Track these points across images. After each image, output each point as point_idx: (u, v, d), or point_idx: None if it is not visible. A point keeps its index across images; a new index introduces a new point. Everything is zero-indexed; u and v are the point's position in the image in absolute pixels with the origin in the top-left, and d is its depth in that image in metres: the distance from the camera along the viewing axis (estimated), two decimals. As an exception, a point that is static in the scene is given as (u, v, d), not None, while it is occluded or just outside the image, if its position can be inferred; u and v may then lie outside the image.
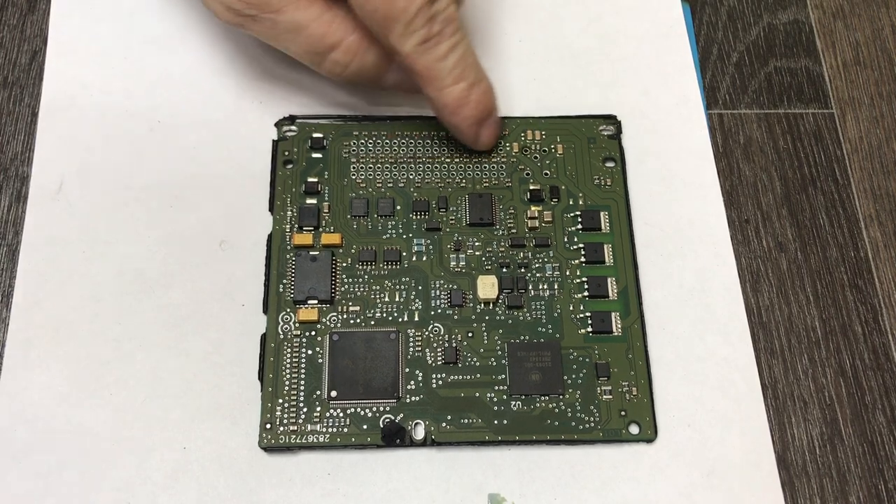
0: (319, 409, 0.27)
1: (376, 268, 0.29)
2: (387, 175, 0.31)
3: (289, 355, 0.28)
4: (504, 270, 0.29)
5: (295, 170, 0.30)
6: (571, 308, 0.29)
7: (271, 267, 0.29)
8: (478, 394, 0.27)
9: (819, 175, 0.33)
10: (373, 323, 0.28)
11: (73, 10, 0.33)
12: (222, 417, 0.27)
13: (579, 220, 0.30)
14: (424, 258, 0.29)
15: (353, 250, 0.29)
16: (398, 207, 0.30)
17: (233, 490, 0.26)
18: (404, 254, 0.29)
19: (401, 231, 0.30)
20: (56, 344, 0.28)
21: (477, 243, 0.30)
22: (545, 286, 0.29)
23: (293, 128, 0.31)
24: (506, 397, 0.27)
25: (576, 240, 0.30)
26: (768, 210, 0.32)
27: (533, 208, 0.30)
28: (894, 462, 0.28)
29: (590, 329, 0.28)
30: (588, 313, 0.29)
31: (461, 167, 0.31)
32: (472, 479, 0.27)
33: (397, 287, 0.29)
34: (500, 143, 0.31)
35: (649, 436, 0.27)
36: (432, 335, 0.28)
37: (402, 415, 0.27)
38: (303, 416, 0.27)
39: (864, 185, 0.32)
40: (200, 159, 0.31)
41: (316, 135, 0.31)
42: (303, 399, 0.27)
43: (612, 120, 0.32)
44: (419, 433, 0.27)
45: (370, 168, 0.31)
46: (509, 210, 0.30)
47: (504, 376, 0.28)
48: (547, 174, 0.31)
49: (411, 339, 0.28)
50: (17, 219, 0.30)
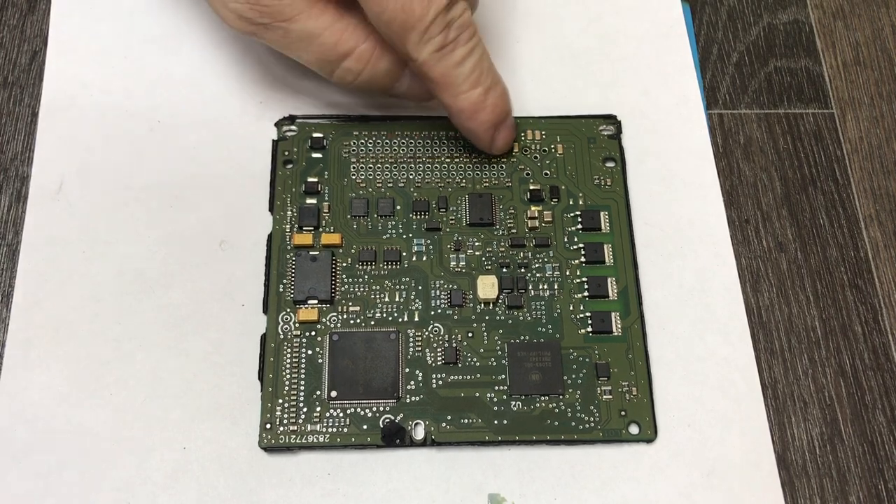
0: (319, 409, 0.27)
1: (376, 268, 0.29)
2: (387, 175, 0.31)
3: (289, 355, 0.28)
4: (504, 270, 0.29)
5: (295, 170, 0.30)
6: (571, 308, 0.29)
7: (271, 267, 0.29)
8: (478, 394, 0.27)
9: (819, 175, 0.33)
10: (373, 323, 0.28)
11: (73, 10, 0.33)
12: (222, 417, 0.27)
13: (579, 220, 0.30)
14: (424, 258, 0.29)
15: (353, 250, 0.29)
16: (398, 207, 0.30)
17: (233, 490, 0.26)
18: (404, 254, 0.29)
19: (401, 231, 0.30)
20: (56, 344, 0.28)
21: (477, 243, 0.30)
22: (545, 286, 0.29)
23: (293, 128, 0.31)
24: (506, 397, 0.27)
25: (576, 240, 0.30)
26: (768, 210, 0.32)
27: (533, 208, 0.30)
28: (894, 462, 0.28)
29: (590, 329, 0.28)
30: (588, 313, 0.29)
31: (461, 167, 0.31)
32: (472, 479, 0.27)
33: (397, 287, 0.29)
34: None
35: (649, 436, 0.27)
36: (432, 335, 0.28)
37: (402, 415, 0.27)
38: (303, 416, 0.27)
39: (864, 185, 0.32)
40: (200, 159, 0.31)
41: (316, 135, 0.31)
42: (303, 399, 0.27)
43: (612, 120, 0.32)
44: (419, 433, 0.27)
45: (370, 168, 0.31)
46: (509, 210, 0.30)
47: (504, 376, 0.28)
48: (547, 174, 0.31)
49: (411, 339, 0.28)
50: (17, 219, 0.30)
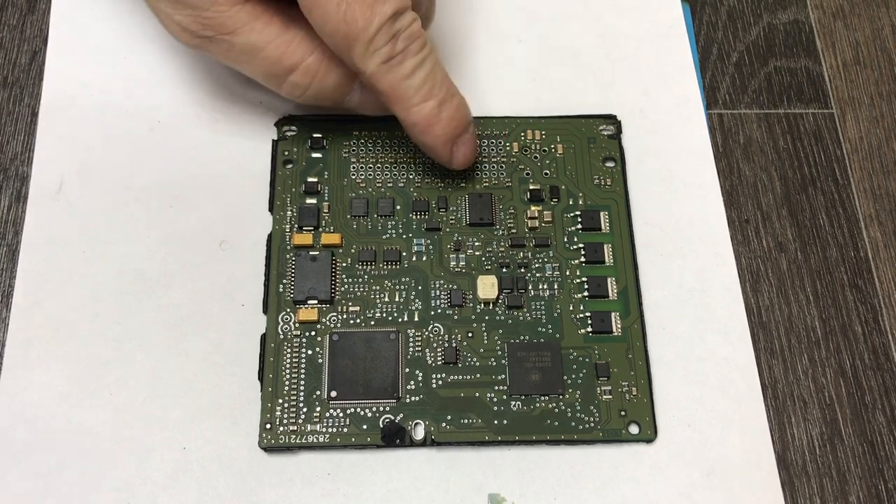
0: (319, 409, 0.27)
1: (376, 268, 0.29)
2: (387, 175, 0.31)
3: (289, 355, 0.28)
4: (504, 270, 0.29)
5: (295, 170, 0.30)
6: (571, 308, 0.29)
7: (271, 267, 0.29)
8: (478, 394, 0.27)
9: (819, 175, 0.33)
10: (373, 323, 0.28)
11: (73, 10, 0.33)
12: (222, 417, 0.27)
13: (579, 220, 0.30)
14: (424, 258, 0.29)
15: (353, 250, 0.29)
16: (398, 207, 0.30)
17: (233, 490, 0.26)
18: (404, 254, 0.29)
19: (401, 231, 0.30)
20: (56, 344, 0.28)
21: (477, 243, 0.30)
22: (545, 286, 0.29)
23: (293, 128, 0.31)
24: (506, 397, 0.27)
25: (576, 240, 0.30)
26: (768, 210, 0.32)
27: (533, 208, 0.30)
28: (894, 462, 0.28)
29: (590, 329, 0.28)
30: (588, 313, 0.29)
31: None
32: (472, 479, 0.27)
33: (397, 287, 0.29)
34: (500, 142, 0.31)
35: (649, 436, 0.27)
36: (432, 335, 0.28)
37: (401, 415, 0.27)
38: (303, 416, 0.27)
39: (864, 185, 0.32)
40: (200, 159, 0.31)
41: (316, 135, 0.31)
42: (303, 399, 0.27)
43: (612, 120, 0.32)
44: (419, 433, 0.27)
45: (370, 168, 0.31)
46: (509, 210, 0.30)
47: (504, 376, 0.28)
48: (547, 174, 0.31)
49: (411, 339, 0.28)
50: (17, 219, 0.30)
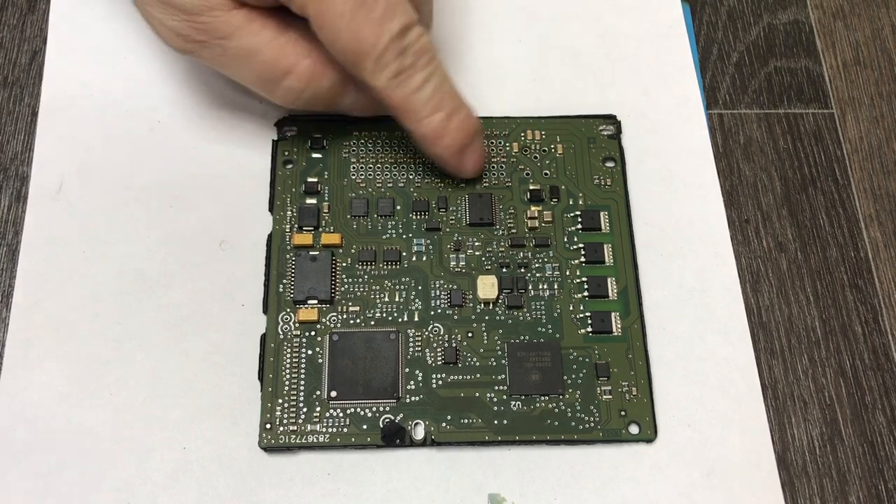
0: (319, 409, 0.27)
1: (376, 268, 0.29)
2: (387, 175, 0.31)
3: (289, 355, 0.28)
4: (504, 270, 0.29)
5: (295, 170, 0.30)
6: (571, 308, 0.29)
7: (271, 267, 0.29)
8: (478, 394, 0.27)
9: (819, 175, 0.33)
10: (373, 323, 0.28)
11: (73, 10, 0.33)
12: (222, 417, 0.27)
13: (579, 220, 0.30)
14: (424, 258, 0.29)
15: (353, 250, 0.29)
16: (398, 207, 0.30)
17: (233, 490, 0.26)
18: (404, 254, 0.29)
19: (401, 231, 0.30)
20: (56, 344, 0.28)
21: (477, 243, 0.30)
22: (545, 286, 0.29)
23: (293, 128, 0.31)
24: (506, 397, 0.27)
25: (576, 240, 0.30)
26: (768, 210, 0.32)
27: (533, 208, 0.30)
28: (894, 462, 0.28)
29: (590, 329, 0.28)
30: (588, 313, 0.29)
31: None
32: (472, 479, 0.27)
33: (397, 287, 0.29)
34: (500, 142, 0.31)
35: (649, 436, 0.27)
36: (432, 335, 0.28)
37: (401, 415, 0.27)
38: (303, 416, 0.27)
39: (864, 185, 0.32)
40: (200, 159, 0.31)
41: (316, 135, 0.31)
42: (303, 399, 0.27)
43: (612, 120, 0.32)
44: (419, 433, 0.27)
45: (370, 168, 0.31)
46: (509, 210, 0.30)
47: (504, 376, 0.28)
48: (547, 174, 0.31)
49: (411, 339, 0.28)
50: (17, 219, 0.30)
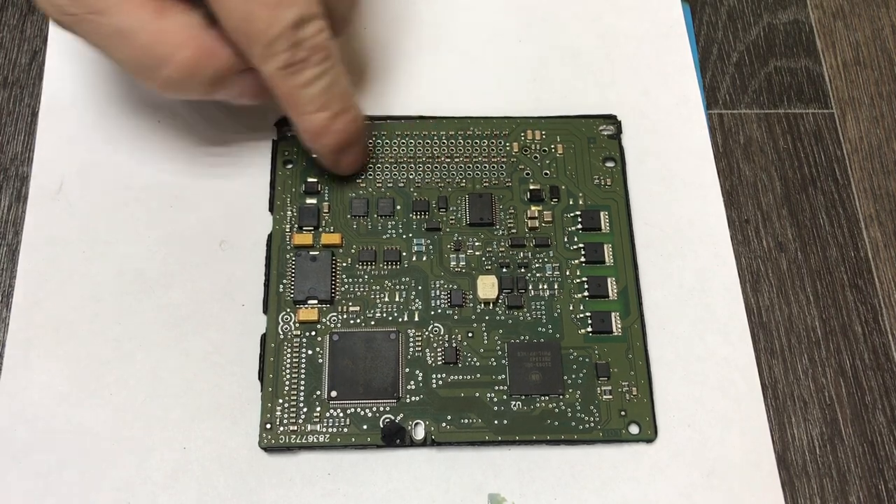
0: (319, 409, 0.27)
1: (376, 268, 0.29)
2: (387, 175, 0.31)
3: (289, 355, 0.28)
4: (504, 270, 0.29)
5: (295, 170, 0.30)
6: (571, 308, 0.29)
7: (271, 267, 0.29)
8: (478, 394, 0.27)
9: (819, 175, 0.33)
10: (373, 323, 0.28)
11: (73, 10, 0.33)
12: (222, 417, 0.27)
13: (579, 220, 0.30)
14: (424, 258, 0.29)
15: (353, 250, 0.29)
16: (398, 207, 0.30)
17: (233, 490, 0.26)
18: (404, 254, 0.29)
19: (401, 231, 0.30)
20: (56, 344, 0.28)
21: (477, 243, 0.30)
22: (545, 286, 0.29)
23: (293, 128, 0.31)
24: (506, 397, 0.27)
25: (576, 240, 0.30)
26: (768, 210, 0.32)
27: (533, 208, 0.30)
28: (894, 462, 0.28)
29: (590, 329, 0.28)
30: (588, 313, 0.29)
31: (461, 167, 0.31)
32: (472, 479, 0.27)
33: (397, 287, 0.29)
34: (500, 142, 0.31)
35: (649, 436, 0.27)
36: (432, 335, 0.28)
37: (402, 415, 0.27)
38: (303, 416, 0.27)
39: (864, 185, 0.32)
40: (200, 159, 0.31)
41: (316, 135, 0.31)
42: (303, 399, 0.27)
43: (612, 120, 0.32)
44: (419, 433, 0.27)
45: (370, 168, 0.31)
46: (509, 210, 0.30)
47: (504, 376, 0.28)
48: (547, 174, 0.31)
49: (411, 339, 0.28)
50: (17, 219, 0.30)
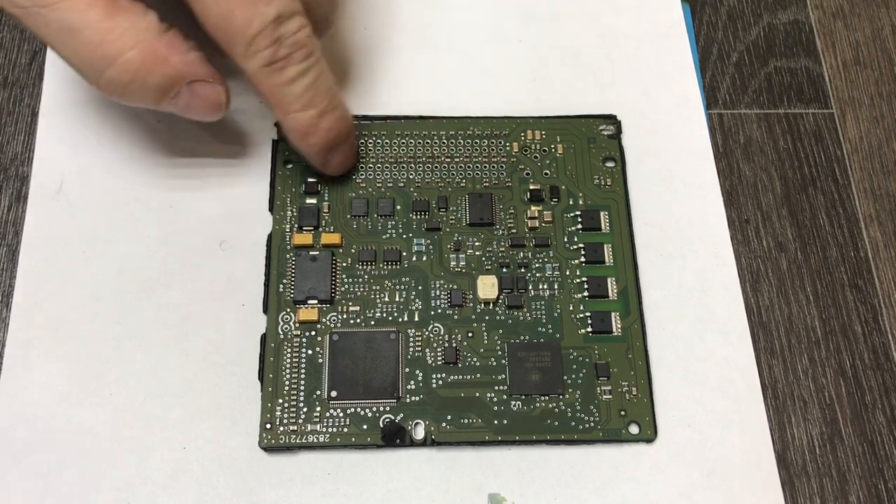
0: (319, 409, 0.27)
1: (376, 268, 0.29)
2: (387, 175, 0.31)
3: (289, 355, 0.28)
4: (504, 270, 0.29)
5: (295, 170, 0.30)
6: (571, 308, 0.29)
7: (271, 267, 0.29)
8: (478, 394, 0.27)
9: (819, 175, 0.33)
10: (373, 323, 0.28)
11: (73, 10, 0.33)
12: (222, 417, 0.27)
13: (579, 220, 0.30)
14: (424, 258, 0.29)
15: (353, 250, 0.29)
16: (398, 207, 0.30)
17: (233, 490, 0.26)
18: (404, 254, 0.29)
19: (401, 231, 0.30)
20: (56, 344, 0.28)
21: (477, 243, 0.30)
22: (545, 286, 0.29)
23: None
24: (506, 397, 0.27)
25: (576, 240, 0.30)
26: (768, 210, 0.32)
27: (533, 208, 0.30)
28: (894, 462, 0.28)
29: (590, 329, 0.28)
30: (588, 313, 0.29)
31: (461, 167, 0.31)
32: (472, 479, 0.27)
33: (397, 287, 0.29)
34: (500, 142, 0.31)
35: (649, 436, 0.27)
36: (432, 335, 0.28)
37: (402, 415, 0.27)
38: (303, 416, 0.27)
39: (864, 185, 0.32)
40: (200, 159, 0.31)
41: (316, 135, 0.31)
42: (303, 399, 0.27)
43: (612, 120, 0.32)
44: (419, 433, 0.27)
45: (370, 168, 0.31)
46: (509, 210, 0.30)
47: (504, 376, 0.28)
48: (547, 174, 0.31)
49: (411, 339, 0.28)
50: (17, 219, 0.30)
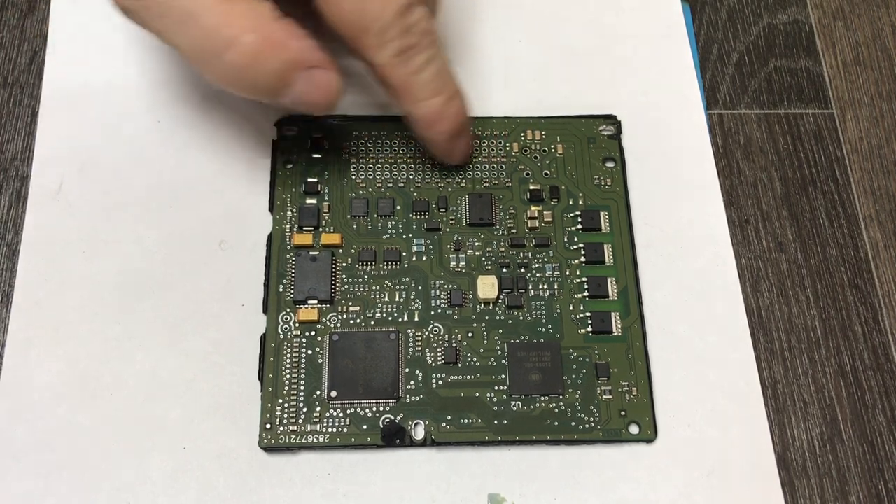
0: (319, 409, 0.27)
1: (376, 268, 0.29)
2: (387, 175, 0.31)
3: (289, 355, 0.28)
4: (504, 270, 0.29)
5: (295, 170, 0.30)
6: (571, 308, 0.29)
7: (271, 267, 0.29)
8: (478, 394, 0.27)
9: (819, 175, 0.33)
10: (373, 323, 0.28)
11: (73, 9, 0.33)
12: (222, 417, 0.27)
13: (579, 220, 0.30)
14: (424, 258, 0.29)
15: (353, 250, 0.29)
16: (398, 207, 0.30)
17: (233, 490, 0.26)
18: (404, 254, 0.29)
19: (401, 231, 0.30)
20: (56, 344, 0.28)
21: (477, 243, 0.30)
22: (545, 286, 0.29)
23: (293, 128, 0.31)
24: (506, 397, 0.27)
25: (576, 240, 0.30)
26: (768, 210, 0.32)
27: (533, 208, 0.30)
28: (894, 462, 0.28)
29: (590, 329, 0.28)
30: (588, 313, 0.29)
31: (461, 167, 0.31)
32: (472, 479, 0.27)
33: (397, 287, 0.29)
34: (500, 142, 0.31)
35: (649, 436, 0.27)
36: (432, 335, 0.28)
37: (402, 415, 0.27)
38: (303, 416, 0.27)
39: (864, 185, 0.32)
40: (200, 159, 0.31)
41: (316, 135, 0.31)
42: (303, 399, 0.27)
43: (612, 120, 0.32)
44: (419, 433, 0.27)
45: (370, 168, 0.31)
46: (509, 210, 0.30)
47: (504, 376, 0.28)
48: (547, 174, 0.31)
49: (411, 339, 0.28)
50: (17, 219, 0.30)
